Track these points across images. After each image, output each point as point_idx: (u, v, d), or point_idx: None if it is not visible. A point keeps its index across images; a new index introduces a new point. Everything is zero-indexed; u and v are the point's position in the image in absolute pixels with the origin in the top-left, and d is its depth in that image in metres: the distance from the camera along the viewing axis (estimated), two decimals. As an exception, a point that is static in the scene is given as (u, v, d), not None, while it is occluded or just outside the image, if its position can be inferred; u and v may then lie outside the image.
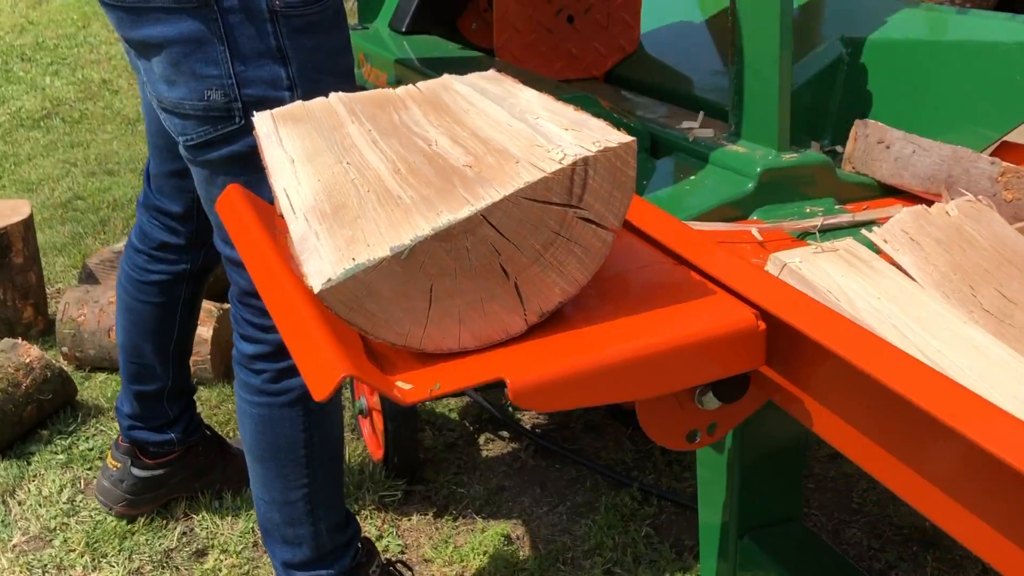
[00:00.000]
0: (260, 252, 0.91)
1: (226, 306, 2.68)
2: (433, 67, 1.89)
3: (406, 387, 0.75)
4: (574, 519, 2.15)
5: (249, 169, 1.44)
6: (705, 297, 0.85)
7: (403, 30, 2.12)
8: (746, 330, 0.82)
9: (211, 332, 2.53)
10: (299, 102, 1.09)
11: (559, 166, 0.77)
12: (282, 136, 1.00)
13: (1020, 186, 1.32)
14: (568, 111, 0.91)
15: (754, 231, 1.30)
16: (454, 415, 2.69)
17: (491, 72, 1.13)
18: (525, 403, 0.75)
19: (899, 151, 1.43)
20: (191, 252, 1.91)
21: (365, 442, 2.42)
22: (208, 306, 2.55)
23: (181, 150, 1.50)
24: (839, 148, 1.63)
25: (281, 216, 0.86)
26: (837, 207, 1.42)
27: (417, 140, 0.93)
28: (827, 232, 1.33)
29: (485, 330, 0.80)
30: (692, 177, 1.45)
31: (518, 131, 0.88)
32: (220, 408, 2.53)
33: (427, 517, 2.14)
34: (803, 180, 1.43)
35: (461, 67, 1.90)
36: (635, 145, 0.79)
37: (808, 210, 1.41)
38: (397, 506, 2.16)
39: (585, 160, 0.77)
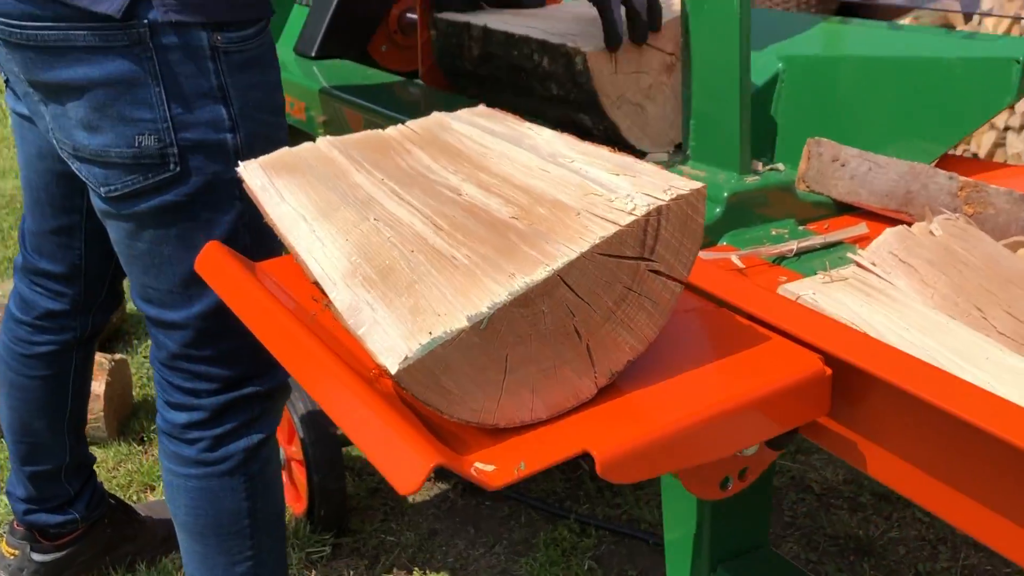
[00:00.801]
0: (281, 326, 0.83)
1: (118, 357, 2.51)
2: (357, 94, 1.81)
3: (487, 468, 0.69)
4: (513, 559, 2.09)
5: (183, 219, 1.34)
6: (763, 344, 0.82)
7: (312, 55, 2.03)
8: (815, 378, 0.79)
9: (103, 387, 2.35)
10: (286, 149, 1.00)
11: (632, 217, 0.72)
12: (280, 189, 0.92)
13: (980, 200, 1.34)
14: (602, 152, 0.87)
15: (734, 259, 1.28)
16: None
17: (482, 108, 1.07)
18: (613, 476, 0.70)
19: (855, 169, 1.44)
20: (78, 317, 1.74)
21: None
22: (98, 358, 2.36)
23: (97, 202, 1.36)
24: (780, 166, 1.64)
25: (316, 283, 0.78)
26: (801, 228, 1.42)
27: (442, 190, 0.86)
28: (802, 255, 1.32)
29: (557, 397, 0.75)
30: (654, 204, 1.43)
31: (561, 177, 0.82)
32: (119, 469, 2.37)
33: (359, 571, 2.04)
34: (766, 202, 1.42)
35: (387, 94, 1.83)
36: (705, 191, 0.75)
37: (773, 232, 1.40)
38: (326, 562, 2.05)
39: (659, 209, 0.73)
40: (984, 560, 2.01)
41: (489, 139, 0.95)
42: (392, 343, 0.68)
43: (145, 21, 1.24)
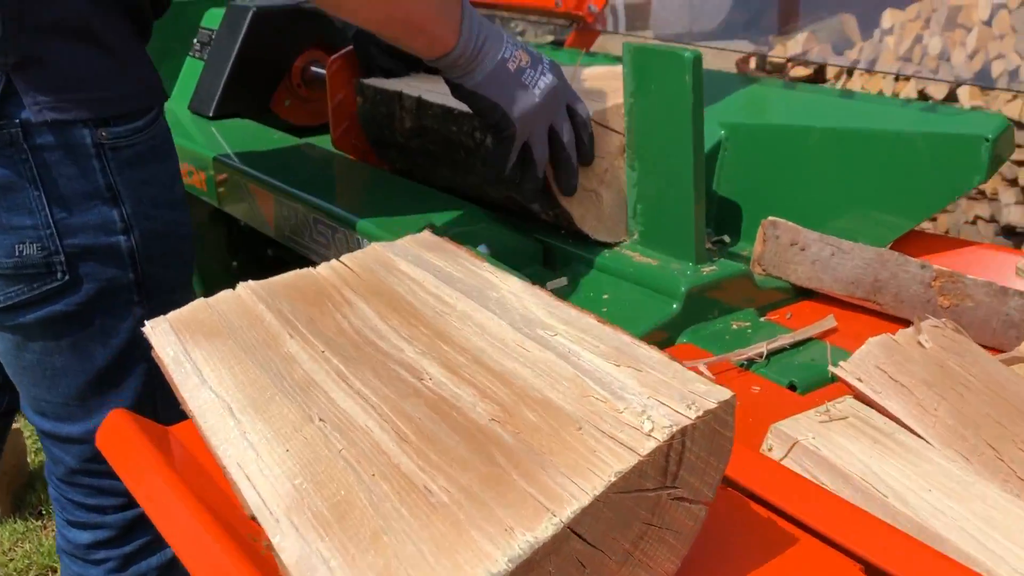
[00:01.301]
0: (207, 552, 0.67)
1: (16, 425, 2.29)
2: (263, 164, 1.63)
3: None
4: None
5: (75, 329, 1.21)
6: (793, 547, 0.69)
7: (210, 115, 1.83)
8: (857, 600, 0.67)
9: (-8, 460, 2.14)
10: (201, 300, 0.83)
11: (653, 441, 0.59)
12: (198, 363, 0.75)
13: (957, 291, 1.25)
14: (590, 321, 0.72)
15: (702, 367, 1.16)
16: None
17: (426, 235, 0.92)
18: None
19: (816, 254, 1.34)
20: None
21: None
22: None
23: None
24: (726, 238, 1.53)
25: (252, 518, 0.62)
26: (762, 320, 1.31)
27: (399, 371, 0.71)
28: (772, 356, 1.21)
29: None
30: (605, 297, 1.29)
31: (546, 363, 0.68)
32: (16, 551, 2.16)
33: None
34: (724, 292, 1.30)
35: (298, 164, 1.66)
36: (734, 401, 0.62)
37: (735, 326, 1.29)
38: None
39: (683, 431, 0.59)
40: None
41: (446, 290, 0.80)
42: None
43: (17, 121, 1.08)
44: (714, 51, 4.60)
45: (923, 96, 3.78)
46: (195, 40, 1.97)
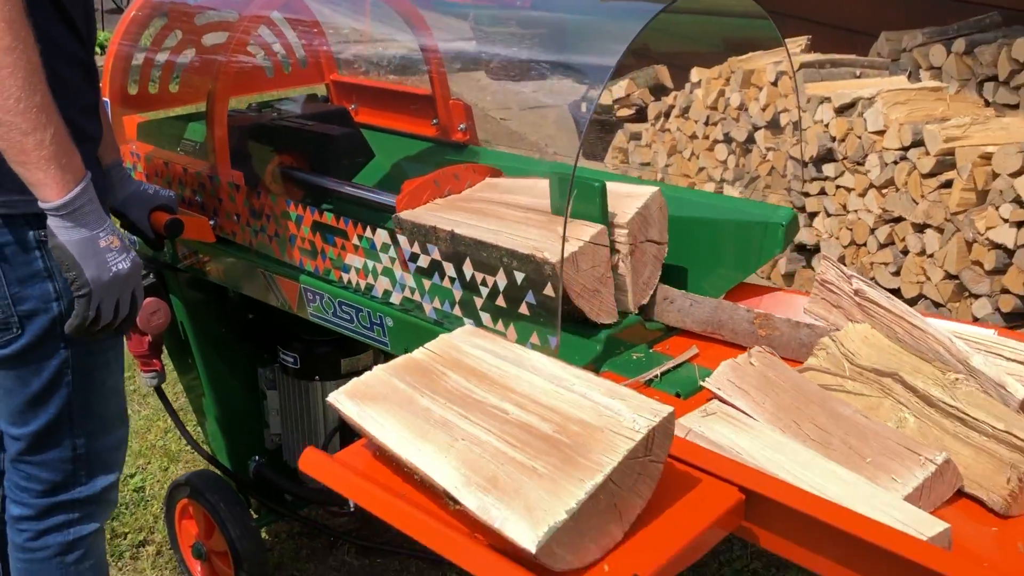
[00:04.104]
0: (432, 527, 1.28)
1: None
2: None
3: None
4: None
5: (19, 364, 1.82)
6: (700, 483, 1.37)
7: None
8: (738, 503, 1.35)
9: None
10: (360, 380, 1.44)
11: (641, 434, 1.25)
12: (375, 417, 1.37)
13: (769, 325, 1.96)
14: (591, 376, 1.38)
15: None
16: (269, 536, 2.99)
17: (470, 328, 1.56)
18: (647, 587, 1.21)
19: (680, 304, 2.03)
20: None
21: None
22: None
23: None
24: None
25: (444, 492, 1.25)
26: (651, 351, 1.99)
27: (493, 411, 1.35)
28: (663, 375, 1.88)
29: (604, 542, 1.25)
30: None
31: (574, 400, 1.33)
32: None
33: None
34: (626, 335, 1.97)
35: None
36: (674, 414, 1.28)
37: (635, 357, 1.96)
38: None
39: (654, 429, 1.26)
40: None
41: (500, 362, 1.44)
42: (525, 533, 1.17)
43: None
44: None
45: (728, 138, 4.57)
46: None
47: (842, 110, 3.95)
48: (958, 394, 1.60)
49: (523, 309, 1.79)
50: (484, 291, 1.82)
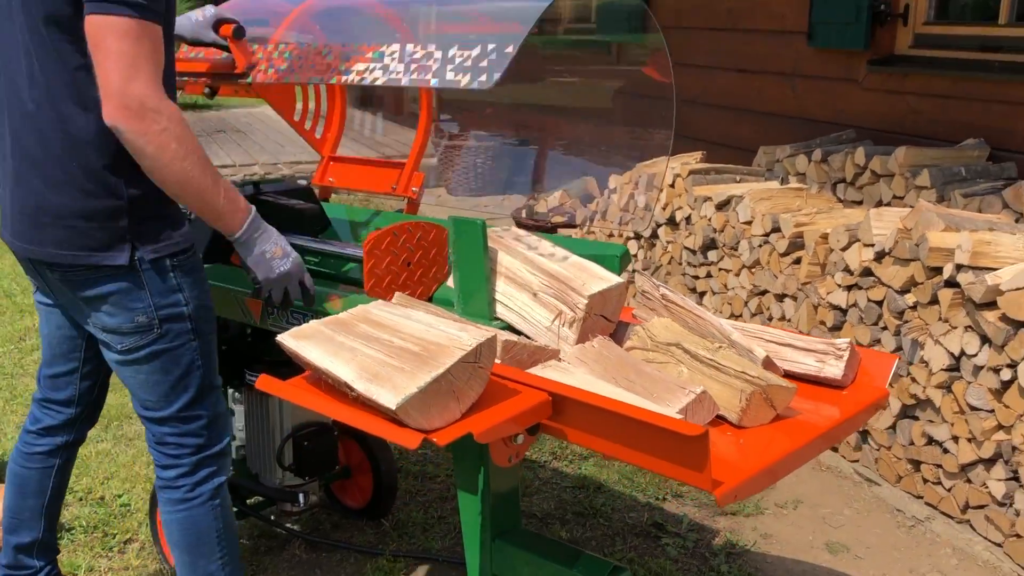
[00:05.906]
0: (336, 404, 1.99)
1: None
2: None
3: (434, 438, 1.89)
4: None
5: (161, 357, 2.43)
6: (519, 392, 2.08)
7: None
8: (545, 401, 2.06)
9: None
10: (305, 326, 2.16)
11: (472, 346, 1.96)
12: (305, 347, 2.08)
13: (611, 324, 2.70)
14: (453, 316, 2.11)
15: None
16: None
17: (380, 301, 2.29)
18: (483, 439, 1.92)
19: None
20: (68, 429, 2.77)
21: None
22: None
23: (112, 355, 2.46)
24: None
25: (344, 383, 1.95)
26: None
27: (383, 340, 2.07)
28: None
29: (447, 416, 1.95)
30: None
31: (436, 332, 2.05)
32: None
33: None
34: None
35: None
36: (496, 336, 2.01)
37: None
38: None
39: (480, 345, 1.98)
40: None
41: (394, 316, 2.17)
42: (390, 399, 1.87)
43: (136, 260, 2.36)
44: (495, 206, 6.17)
45: (637, 235, 5.37)
46: None
47: (721, 206, 4.78)
48: (718, 355, 2.34)
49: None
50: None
